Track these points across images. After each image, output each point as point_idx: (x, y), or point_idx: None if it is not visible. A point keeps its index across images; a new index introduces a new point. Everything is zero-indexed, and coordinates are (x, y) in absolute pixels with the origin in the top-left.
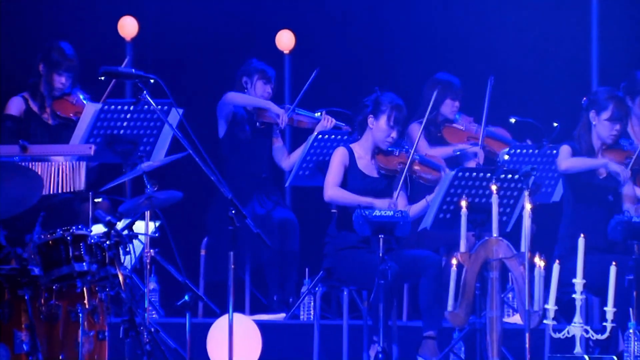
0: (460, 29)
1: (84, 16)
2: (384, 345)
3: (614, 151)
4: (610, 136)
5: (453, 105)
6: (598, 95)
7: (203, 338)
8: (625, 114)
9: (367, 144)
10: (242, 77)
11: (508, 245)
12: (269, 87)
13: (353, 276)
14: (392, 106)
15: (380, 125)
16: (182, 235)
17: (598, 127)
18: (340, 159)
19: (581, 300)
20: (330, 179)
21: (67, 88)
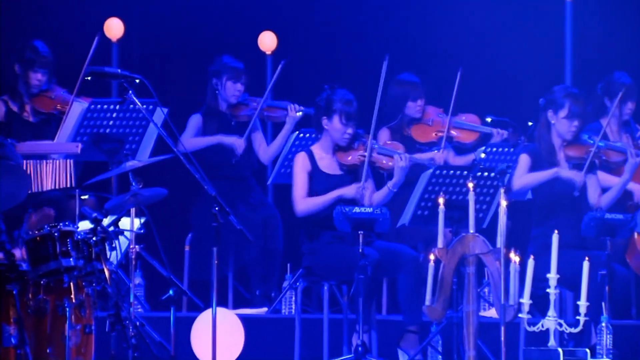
0: (440, 31)
1: (70, 18)
2: (364, 338)
3: (574, 146)
4: (569, 132)
5: (416, 105)
6: (554, 94)
7: (187, 332)
8: (583, 109)
9: (327, 142)
10: (212, 79)
11: (484, 241)
12: (238, 84)
13: (333, 271)
14: (342, 103)
15: (334, 125)
16: (166, 232)
17: (557, 125)
18: (302, 167)
19: (555, 294)
20: (298, 192)
21: (44, 84)
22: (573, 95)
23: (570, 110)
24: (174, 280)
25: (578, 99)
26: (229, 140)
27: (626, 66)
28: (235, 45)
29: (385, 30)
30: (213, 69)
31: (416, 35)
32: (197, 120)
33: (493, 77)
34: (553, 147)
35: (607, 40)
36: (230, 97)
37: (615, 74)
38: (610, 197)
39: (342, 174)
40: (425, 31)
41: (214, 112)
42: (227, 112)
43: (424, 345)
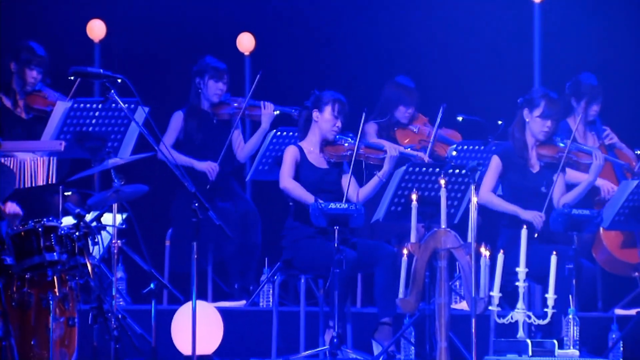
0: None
1: (54, 19)
2: (339, 330)
3: (547, 147)
4: (541, 132)
5: (406, 112)
6: (532, 94)
7: (168, 324)
8: (557, 112)
9: (315, 138)
10: (195, 79)
11: (455, 236)
12: (220, 83)
13: (310, 265)
14: (333, 98)
15: (325, 116)
16: (147, 227)
17: (531, 123)
18: (292, 155)
19: (524, 287)
20: (285, 170)
21: (39, 83)
22: (549, 98)
23: (545, 111)
24: (154, 274)
25: (553, 102)
26: (201, 166)
27: (593, 66)
28: (214, 46)
29: (363, 32)
30: (196, 69)
31: (393, 36)
32: (178, 119)
33: (464, 77)
34: (526, 145)
35: (575, 41)
36: (213, 96)
37: (583, 76)
38: (574, 196)
39: (328, 168)
40: (401, 33)
41: (196, 111)
42: (209, 110)
43: (398, 337)
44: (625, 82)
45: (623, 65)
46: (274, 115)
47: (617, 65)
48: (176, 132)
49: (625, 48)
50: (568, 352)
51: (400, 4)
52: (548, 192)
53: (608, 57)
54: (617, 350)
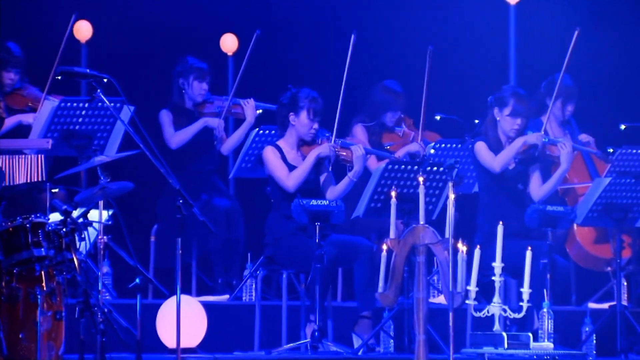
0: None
1: (41, 20)
2: (320, 324)
3: None
4: (512, 130)
5: (393, 117)
6: (502, 92)
7: (153, 318)
8: (526, 109)
9: (292, 138)
10: (179, 79)
11: (433, 232)
12: (204, 84)
13: (292, 260)
14: (309, 100)
15: (301, 120)
16: (133, 223)
17: (501, 122)
18: (274, 155)
19: (500, 282)
20: (281, 174)
21: (17, 83)
22: (518, 95)
23: (514, 109)
24: (140, 269)
25: (522, 99)
26: (214, 122)
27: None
28: (198, 46)
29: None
30: (179, 69)
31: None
32: (169, 115)
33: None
34: (500, 143)
35: (549, 42)
36: (197, 96)
37: (556, 76)
38: (549, 187)
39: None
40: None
41: (180, 110)
42: (193, 109)
43: (377, 330)
44: (598, 82)
45: (597, 65)
46: (257, 109)
47: (591, 65)
48: (172, 125)
49: (598, 48)
50: (542, 345)
51: (380, 6)
52: (524, 189)
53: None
54: (590, 343)
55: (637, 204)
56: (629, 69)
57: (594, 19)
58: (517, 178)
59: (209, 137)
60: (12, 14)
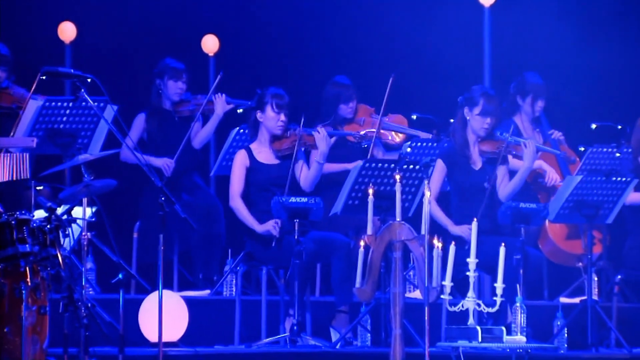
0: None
1: (26, 21)
2: (299, 318)
3: (488, 142)
4: (482, 129)
5: (347, 107)
6: (471, 93)
7: (135, 312)
8: (496, 108)
9: (264, 137)
10: (156, 80)
11: (410, 228)
12: (180, 82)
13: (271, 256)
14: (272, 95)
15: (268, 114)
16: (116, 220)
17: (471, 121)
18: (241, 163)
19: (474, 277)
20: (234, 188)
21: (5, 82)
22: (487, 95)
23: (484, 108)
24: (123, 264)
25: (492, 99)
26: (157, 162)
27: (540, 67)
28: (179, 47)
29: (321, 34)
30: (156, 70)
31: (349, 38)
32: (141, 120)
33: (419, 77)
34: (467, 142)
35: (522, 43)
36: (173, 95)
37: (527, 75)
38: (514, 185)
39: (279, 163)
40: (358, 34)
41: (157, 110)
42: (171, 109)
43: (354, 324)
44: (570, 82)
45: (568, 66)
46: (229, 107)
47: (563, 65)
48: (138, 132)
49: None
50: (515, 338)
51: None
52: (490, 187)
53: (554, 58)
54: (562, 336)
55: (608, 201)
56: (600, 69)
57: (567, 19)
58: (484, 177)
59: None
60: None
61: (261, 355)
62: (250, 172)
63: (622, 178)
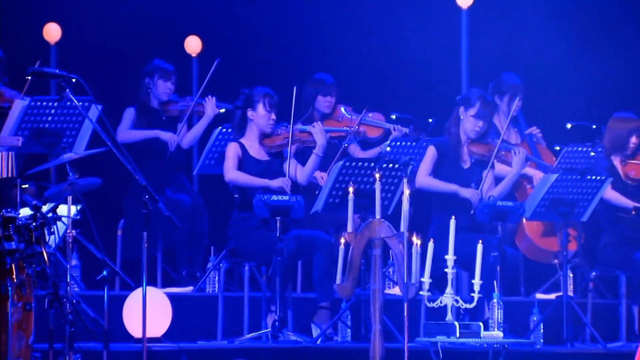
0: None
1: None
2: (281, 314)
3: (478, 144)
4: (473, 131)
5: (325, 101)
6: (469, 94)
7: (119, 308)
8: (490, 114)
9: (253, 134)
10: (145, 79)
11: (389, 226)
12: (169, 83)
13: (253, 253)
14: (263, 94)
15: (259, 112)
16: (101, 218)
17: (465, 121)
18: (234, 151)
19: (452, 274)
20: (229, 164)
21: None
22: (484, 99)
23: (479, 112)
24: (107, 261)
25: (488, 104)
26: (166, 135)
27: (516, 67)
28: (163, 48)
29: (302, 34)
30: (146, 70)
31: (330, 38)
32: (131, 113)
33: (398, 78)
34: (460, 141)
35: (499, 44)
36: (162, 95)
37: (504, 75)
38: (501, 189)
39: (270, 159)
40: (338, 35)
41: (146, 109)
42: (159, 108)
43: (335, 320)
44: (546, 82)
45: (544, 67)
46: (217, 106)
47: (539, 66)
48: (130, 122)
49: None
50: (493, 334)
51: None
52: (477, 188)
53: (530, 59)
54: (538, 332)
55: (583, 199)
56: (576, 70)
57: (543, 21)
58: (472, 177)
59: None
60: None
61: (243, 351)
62: (242, 163)
63: (597, 177)
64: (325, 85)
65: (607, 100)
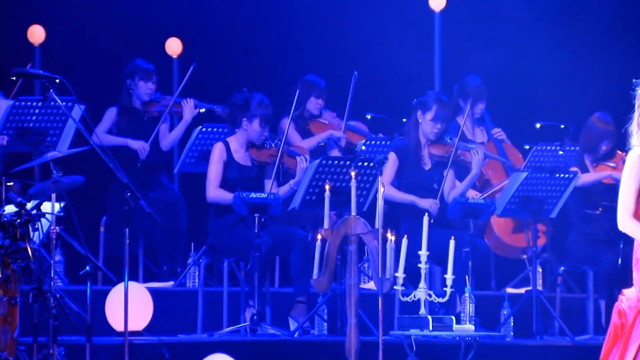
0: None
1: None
2: (259, 308)
3: (437, 145)
4: (432, 133)
5: (317, 103)
6: (426, 97)
7: (102, 303)
8: (447, 115)
9: (242, 139)
10: (126, 80)
11: (364, 222)
12: (150, 83)
13: (232, 249)
14: (262, 108)
15: (253, 127)
16: (84, 214)
17: (423, 124)
18: (219, 156)
19: (425, 269)
20: (212, 179)
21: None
22: (441, 101)
23: (436, 114)
24: (90, 257)
25: (445, 105)
26: (135, 144)
27: (487, 70)
28: (144, 49)
29: (281, 37)
30: (127, 70)
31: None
32: (112, 113)
33: (373, 80)
34: (419, 144)
35: (470, 46)
36: (143, 95)
37: (468, 78)
38: (461, 189)
39: (251, 166)
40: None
41: (127, 109)
42: (141, 108)
43: (312, 314)
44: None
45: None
46: (196, 109)
47: (509, 68)
48: (109, 123)
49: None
50: (464, 327)
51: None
52: (439, 188)
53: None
54: (508, 325)
55: (551, 196)
56: (544, 71)
57: (513, 23)
58: (433, 177)
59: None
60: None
61: (223, 344)
62: (225, 166)
63: (565, 174)
64: (319, 88)
65: (575, 100)
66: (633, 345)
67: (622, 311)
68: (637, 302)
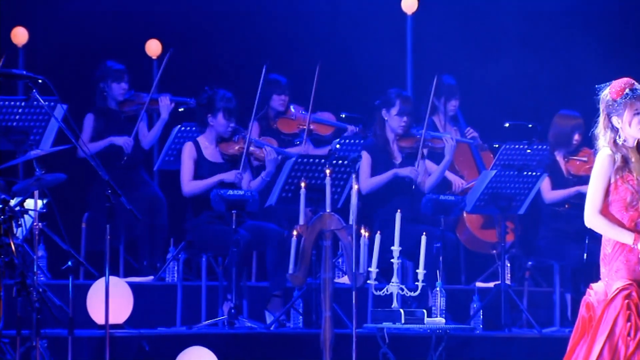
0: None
1: None
2: (236, 302)
3: (406, 139)
4: (399, 127)
5: (280, 99)
6: (388, 95)
7: (84, 297)
8: (411, 108)
9: (211, 135)
10: (99, 83)
11: (339, 219)
12: (122, 83)
13: (210, 245)
14: (224, 101)
15: (218, 120)
16: (66, 211)
17: (390, 121)
18: (189, 155)
19: (398, 264)
20: (185, 175)
21: None
22: (403, 96)
23: (401, 108)
24: (72, 252)
25: (407, 99)
26: (119, 140)
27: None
28: (124, 50)
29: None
30: (98, 74)
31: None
32: (90, 119)
33: (347, 80)
34: (387, 141)
35: (441, 47)
36: (118, 96)
37: (443, 77)
38: (436, 176)
39: (223, 162)
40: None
41: (103, 111)
42: (117, 108)
43: (288, 308)
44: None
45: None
46: (171, 105)
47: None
48: (90, 129)
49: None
50: (435, 320)
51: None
52: (412, 180)
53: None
54: (478, 318)
55: (520, 193)
56: (513, 72)
57: (482, 26)
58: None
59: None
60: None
61: (201, 337)
62: (196, 165)
63: (533, 172)
64: (280, 85)
65: (542, 100)
66: (600, 337)
67: (590, 304)
68: (604, 296)
